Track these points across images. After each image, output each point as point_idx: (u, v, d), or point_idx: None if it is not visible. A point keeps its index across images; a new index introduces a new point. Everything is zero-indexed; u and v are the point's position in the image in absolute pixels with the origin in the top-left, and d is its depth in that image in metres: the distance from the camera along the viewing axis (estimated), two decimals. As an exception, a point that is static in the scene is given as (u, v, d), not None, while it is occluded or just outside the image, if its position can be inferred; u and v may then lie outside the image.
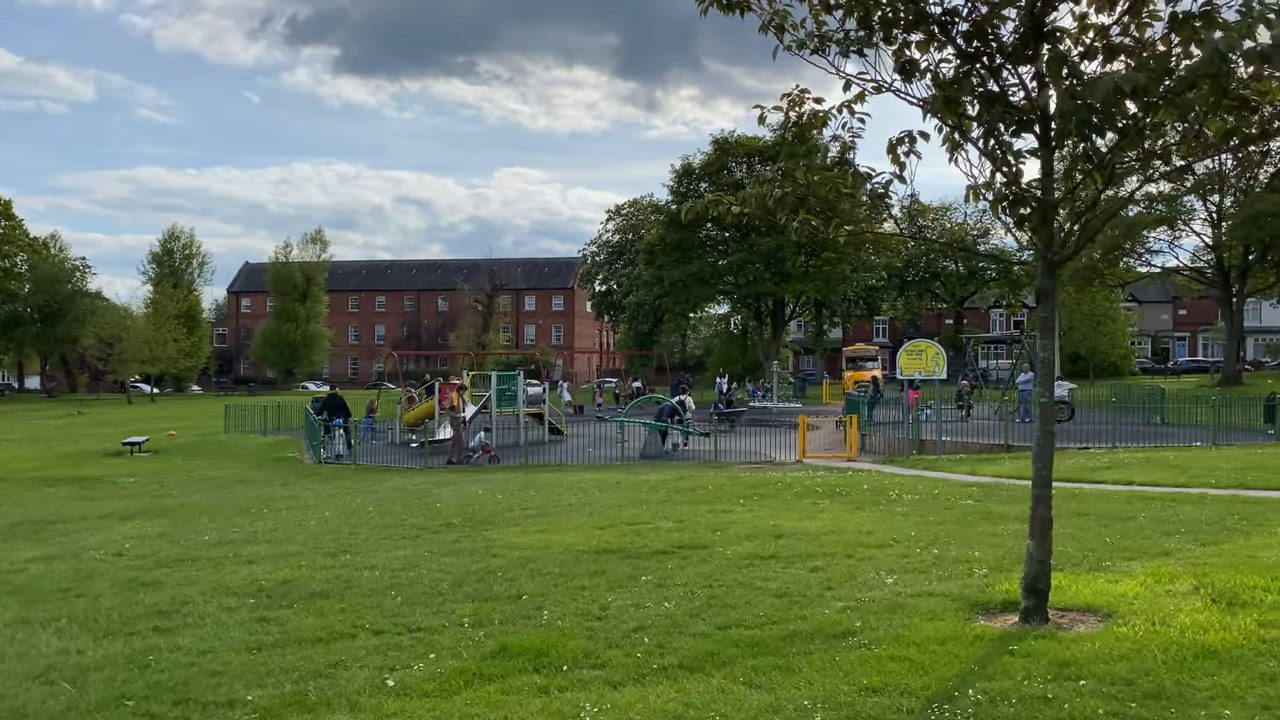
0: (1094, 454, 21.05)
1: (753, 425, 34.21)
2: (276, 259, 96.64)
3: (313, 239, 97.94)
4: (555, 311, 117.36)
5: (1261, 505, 11.79)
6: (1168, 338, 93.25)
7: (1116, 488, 15.14)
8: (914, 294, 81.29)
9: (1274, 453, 19.23)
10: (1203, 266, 51.87)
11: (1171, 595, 7.10)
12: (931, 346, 24.11)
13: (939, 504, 13.30)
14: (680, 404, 29.13)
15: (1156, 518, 11.18)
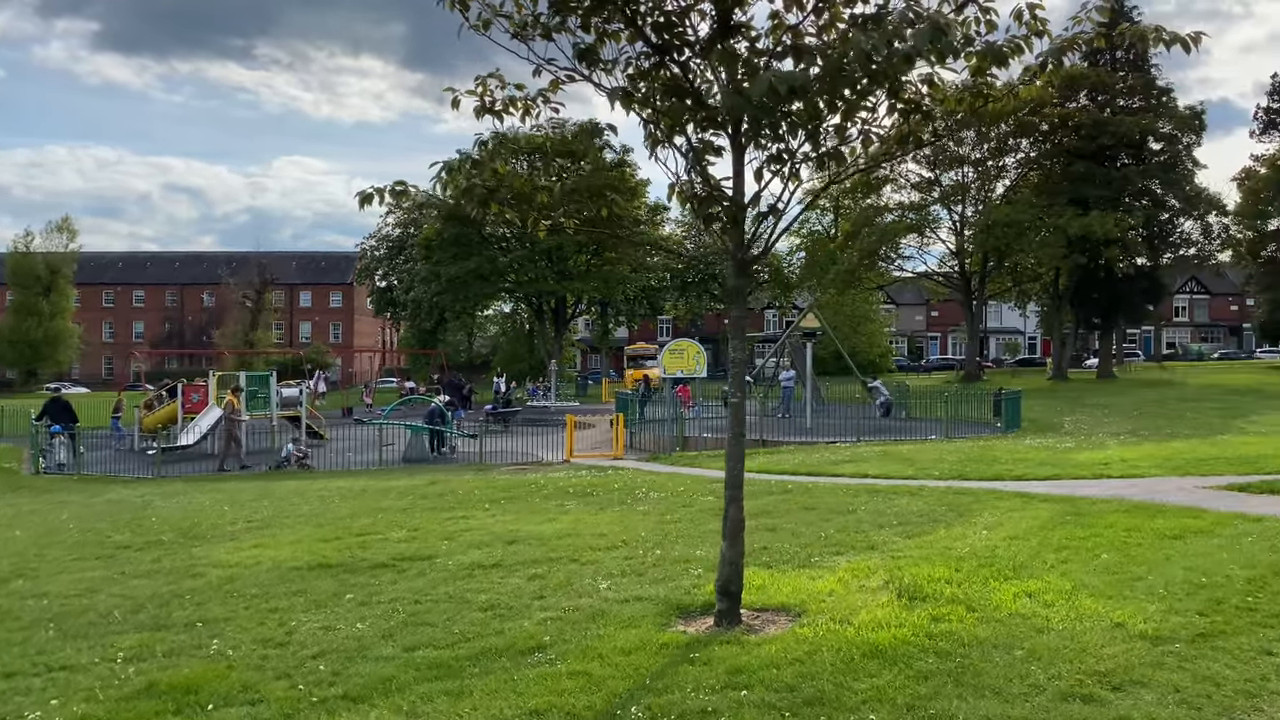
0: (839, 448, 22.05)
1: (528, 425, 33.87)
2: (15, 249, 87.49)
3: (59, 227, 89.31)
4: (333, 308, 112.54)
5: (970, 496, 12.51)
6: (921, 338, 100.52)
7: (850, 480, 15.77)
8: (694, 294, 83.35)
9: (995, 444, 20.78)
10: (948, 271, 56.03)
11: (864, 591, 7.25)
12: (692, 346, 24.57)
13: (681, 502, 13.37)
14: (449, 404, 28.33)
15: (875, 510, 11.63)
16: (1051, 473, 14.86)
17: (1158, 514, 10.10)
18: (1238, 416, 26.13)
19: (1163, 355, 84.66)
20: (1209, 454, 15.87)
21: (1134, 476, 13.95)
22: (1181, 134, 49.50)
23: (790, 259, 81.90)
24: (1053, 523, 10.00)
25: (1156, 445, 18.35)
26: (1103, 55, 52.75)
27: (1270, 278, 59.75)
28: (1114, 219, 44.09)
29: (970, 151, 51.66)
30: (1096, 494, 12.17)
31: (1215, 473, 13.68)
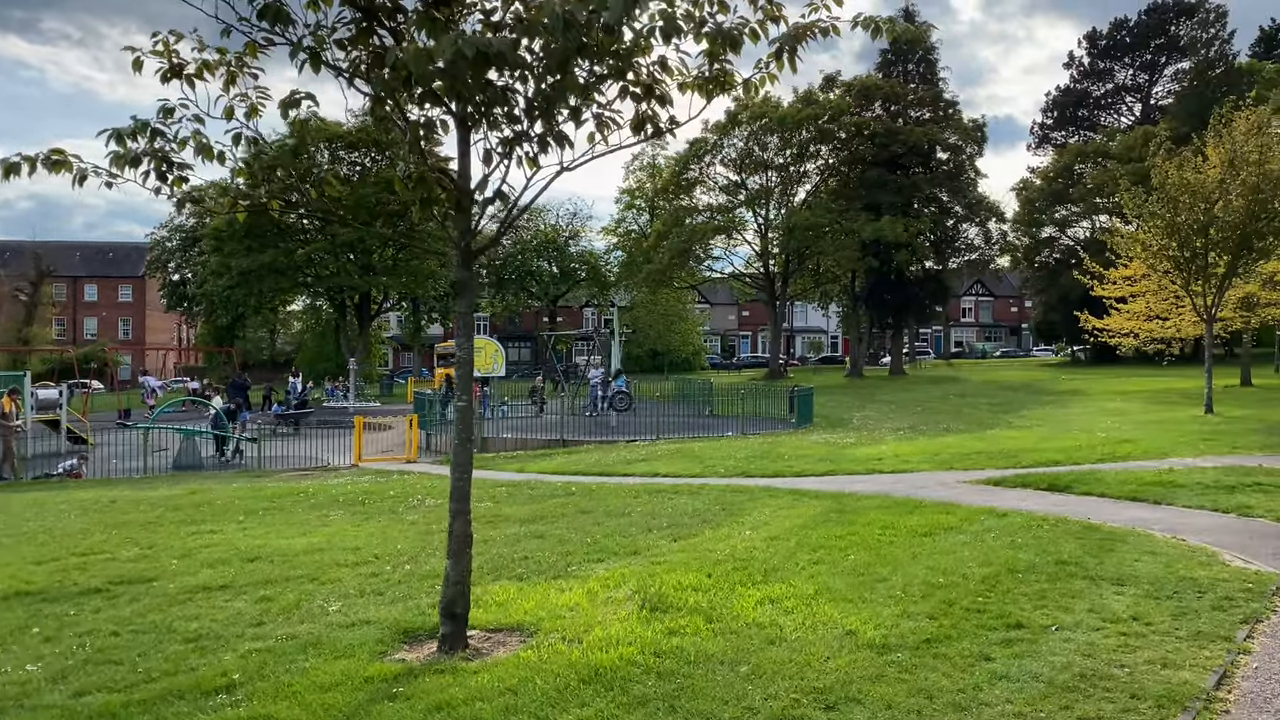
0: (638, 446, 21.92)
1: (323, 427, 32.18)
2: None
3: None
4: (123, 303, 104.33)
5: (746, 494, 12.48)
6: (734, 336, 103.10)
7: (639, 480, 15.56)
8: (511, 292, 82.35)
9: (784, 441, 21.15)
10: (754, 272, 57.54)
11: (610, 603, 6.86)
12: (490, 344, 23.87)
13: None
14: (234, 406, 26.43)
15: (651, 512, 11.37)
16: (828, 468, 15.13)
17: (915, 510, 10.28)
18: (1008, 411, 27.84)
19: (951, 353, 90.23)
20: (975, 448, 16.61)
21: (903, 471, 14.36)
22: (965, 144, 52.71)
23: (608, 258, 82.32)
24: (816, 521, 10.00)
25: (930, 440, 19.12)
26: (896, 67, 55.63)
27: (1044, 281, 64.57)
28: (904, 224, 46.42)
29: (774, 157, 53.17)
30: (864, 490, 12.38)
31: (977, 467, 14.26)
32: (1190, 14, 65.40)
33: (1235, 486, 10.75)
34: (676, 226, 51.42)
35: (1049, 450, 15.50)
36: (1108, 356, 52.82)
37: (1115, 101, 72.32)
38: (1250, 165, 22.39)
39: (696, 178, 54.31)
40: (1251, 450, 14.56)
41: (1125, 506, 10.13)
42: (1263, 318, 33.33)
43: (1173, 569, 7.09)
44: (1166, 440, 16.10)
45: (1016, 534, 8.57)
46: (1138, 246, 25.78)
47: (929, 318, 59.88)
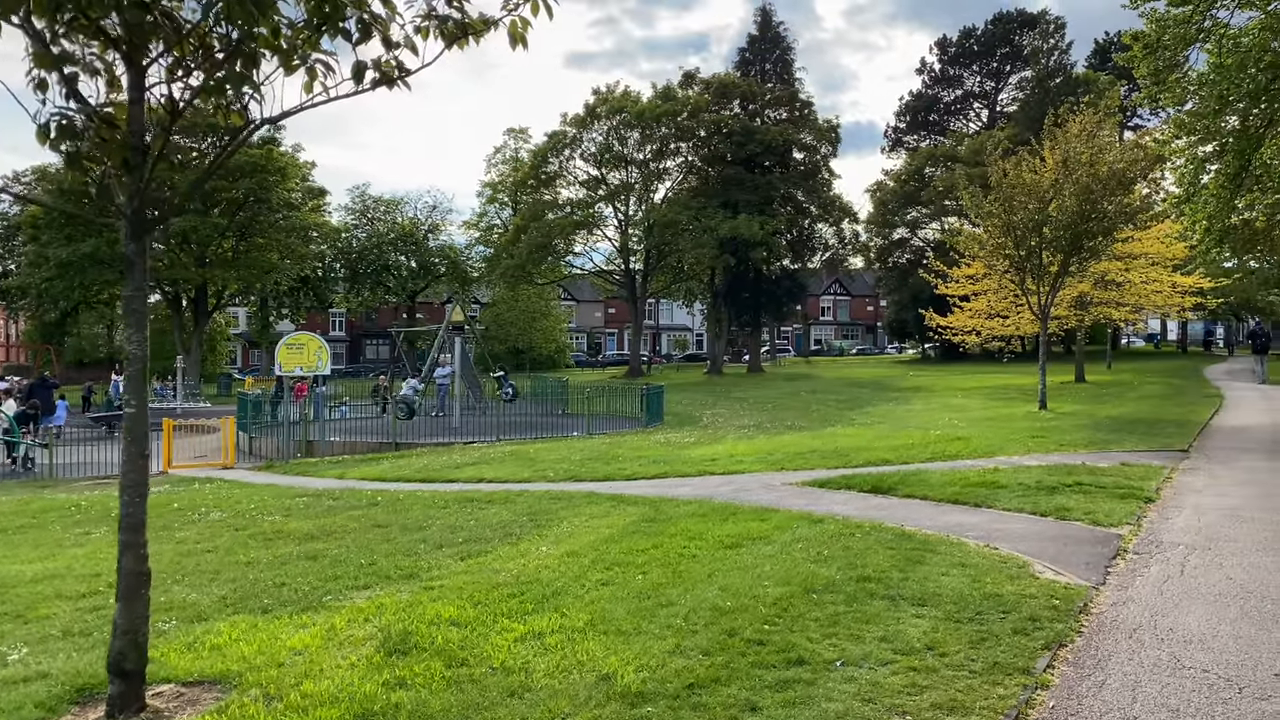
0: (475, 449, 20.78)
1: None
2: None
3: None
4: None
5: (565, 501, 11.59)
6: (600, 333, 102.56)
7: (460, 487, 14.51)
8: (366, 287, 79.47)
9: (626, 441, 20.41)
10: (615, 269, 56.94)
11: (349, 643, 5.83)
12: (313, 340, 22.28)
13: (239, 524, 11.36)
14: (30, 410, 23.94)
15: (452, 525, 10.34)
16: (661, 470, 14.41)
17: (730, 517, 9.60)
18: (854, 408, 27.94)
19: (811, 351, 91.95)
20: (810, 447, 16.20)
21: (734, 473, 13.75)
22: (820, 145, 53.41)
23: (469, 252, 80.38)
24: (625, 532, 9.18)
25: (769, 439, 18.70)
26: (753, 66, 55.94)
27: (896, 281, 66.22)
28: (760, 222, 46.57)
29: (634, 152, 52.63)
30: (688, 494, 11.67)
31: (808, 467, 13.77)
32: (1032, 25, 68.21)
33: (1056, 487, 10.48)
34: (535, 221, 50.27)
35: (881, 449, 15.19)
36: (956, 354, 54.54)
37: (964, 107, 74.88)
38: (1082, 166, 22.91)
39: (556, 171, 53.27)
40: (1076, 448, 14.56)
41: (945, 510, 9.68)
42: (1095, 316, 34.66)
43: (980, 584, 6.53)
44: (997, 438, 16.05)
45: (826, 544, 7.94)
46: (975, 245, 26.19)
47: (786, 316, 60.55)
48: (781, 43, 56.00)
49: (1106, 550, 7.75)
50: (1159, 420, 18.85)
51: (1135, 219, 24.35)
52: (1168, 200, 22.72)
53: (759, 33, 56.27)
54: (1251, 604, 6.20)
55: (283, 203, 46.80)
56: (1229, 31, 14.62)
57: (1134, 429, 17.16)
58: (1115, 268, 31.94)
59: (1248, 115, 14.53)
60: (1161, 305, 34.80)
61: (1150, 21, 14.58)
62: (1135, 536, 8.30)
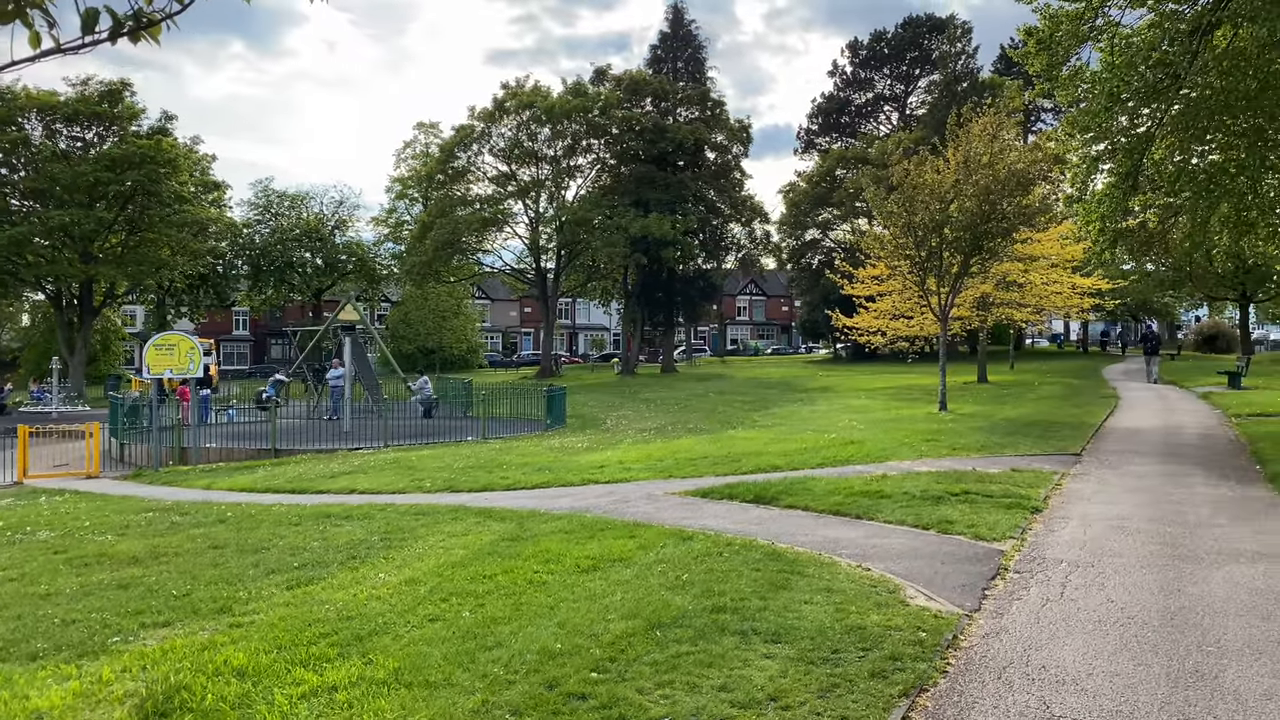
0: (359, 455, 19.68)
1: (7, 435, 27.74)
2: None
3: None
4: None
5: (430, 516, 10.74)
6: (516, 333, 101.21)
7: (327, 499, 13.53)
8: (270, 284, 76.75)
9: (517, 446, 19.55)
10: (526, 268, 55.88)
11: (101, 704, 4.94)
12: (185, 341, 20.88)
13: (63, 544, 10.23)
14: None
15: (297, 545, 9.42)
16: (544, 479, 13.65)
17: (599, 534, 8.88)
18: (759, 409, 27.53)
19: (727, 351, 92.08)
20: (704, 452, 15.61)
21: (620, 481, 13.06)
22: (732, 144, 53.14)
23: (377, 249, 78.27)
24: (478, 554, 8.39)
25: (665, 443, 18.06)
26: (665, 64, 55.46)
27: (808, 282, 66.48)
28: (671, 221, 46.05)
29: (544, 149, 51.67)
30: (564, 507, 10.93)
31: (698, 474, 13.16)
32: (940, 29, 69.21)
33: (942, 497, 10.02)
34: (442, 217, 48.89)
35: (774, 453, 14.66)
36: (866, 354, 54.88)
37: (875, 110, 75.68)
38: (982, 168, 22.86)
39: (465, 167, 51.97)
40: (970, 452, 14.24)
41: (825, 523, 9.12)
42: (997, 316, 34.97)
43: (843, 614, 5.92)
44: (892, 441, 15.67)
45: (690, 566, 7.27)
46: (878, 245, 26.03)
47: (701, 316, 60.22)
48: (693, 41, 55.62)
49: (986, 569, 7.25)
50: (1055, 422, 18.77)
51: (1034, 220, 24.40)
52: (1062, 200, 22.79)
53: (671, 30, 55.78)
54: (1131, 632, 5.72)
55: (174, 196, 44.56)
56: (1121, 31, 14.48)
57: (1029, 431, 16.99)
58: (1016, 269, 32.23)
59: (1136, 114, 14.42)
60: (1061, 306, 35.29)
61: (1044, 17, 14.37)
62: (1018, 552, 7.83)
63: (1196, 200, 15.63)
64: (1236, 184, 14.86)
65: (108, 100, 43.75)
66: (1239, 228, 16.71)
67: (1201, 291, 56.65)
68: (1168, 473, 12.13)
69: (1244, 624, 5.85)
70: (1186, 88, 13.74)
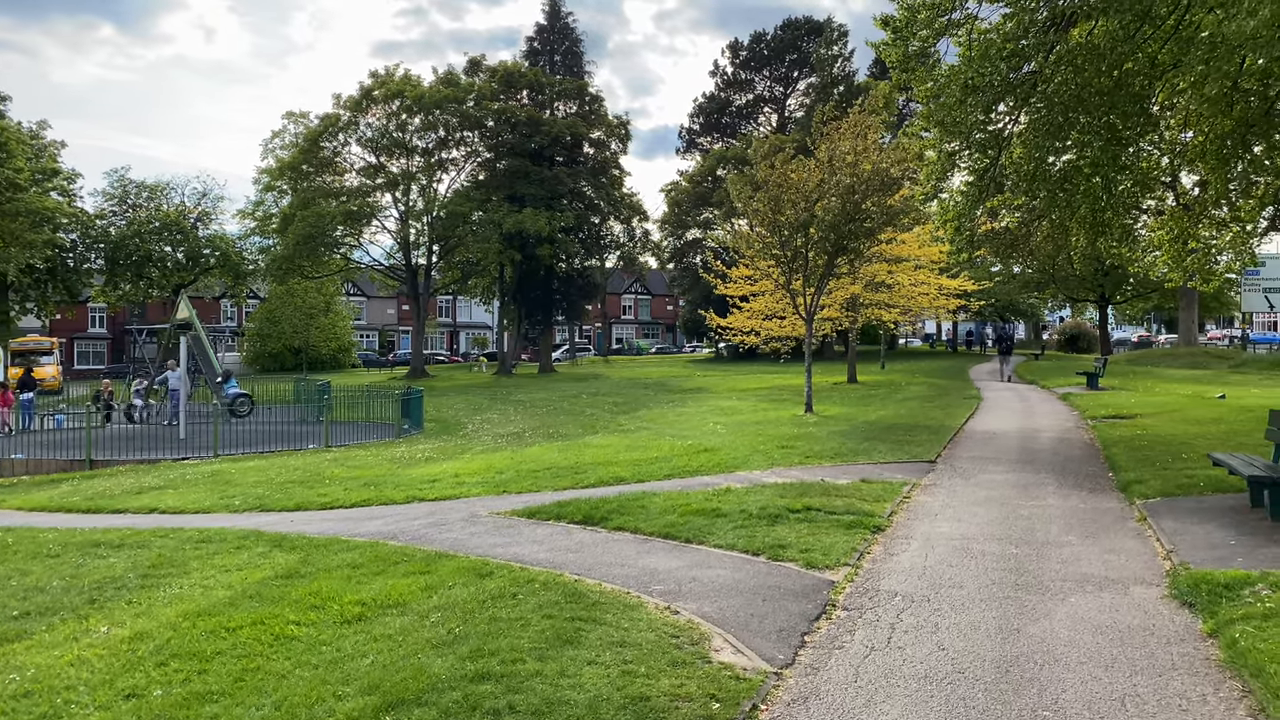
0: (175, 467, 17.95)
1: None
2: None
3: None
4: None
5: (211, 545, 9.38)
6: (394, 331, 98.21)
7: (120, 521, 11.96)
8: (127, 279, 72.10)
9: (354, 455, 18.14)
10: (396, 264, 53.80)
11: None
12: (-21, 341, 18.65)
13: None
14: None
15: (37, 585, 7.98)
16: (364, 497, 12.38)
17: (390, 568, 7.75)
18: (626, 412, 26.65)
19: (611, 350, 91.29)
20: (551, 462, 14.56)
21: (448, 498, 11.91)
22: (610, 140, 52.26)
23: (244, 243, 74.50)
24: (242, 596, 7.15)
25: (514, 452, 16.93)
26: (542, 56, 54.20)
27: (689, 281, 66.18)
28: (546, 217, 44.84)
29: (415, 140, 49.79)
30: (373, 530, 9.74)
31: (534, 488, 12.11)
32: (819, 32, 69.87)
33: (781, 515, 9.22)
34: (304, 209, 46.51)
35: (623, 463, 13.73)
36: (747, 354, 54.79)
37: (755, 111, 75.95)
38: (846, 166, 22.48)
39: (330, 157, 49.64)
40: (823, 459, 13.59)
41: (649, 549, 8.19)
42: (866, 317, 35.03)
43: (630, 677, 4.96)
44: (747, 448, 14.94)
45: (472, 614, 6.21)
46: (744, 244, 25.49)
47: (580, 315, 59.14)
48: (571, 34, 54.49)
49: (811, 607, 6.41)
50: (916, 425, 18.41)
51: (896, 220, 24.18)
52: (916, 196, 22.59)
53: (548, 23, 54.50)
54: (960, 692, 4.92)
55: (7, 183, 41.05)
56: (978, 25, 14.06)
57: (888, 436, 16.51)
58: (883, 270, 32.25)
59: (993, 110, 14.03)
60: (929, 307, 35.60)
61: (901, 7, 13.84)
62: (850, 583, 7.04)
63: (1053, 201, 15.39)
64: (1092, 185, 14.64)
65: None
66: (1094, 229, 16.60)
67: (1064, 293, 58.63)
68: (1021, 483, 11.66)
69: (1086, 675, 5.13)
70: (1043, 84, 13.39)
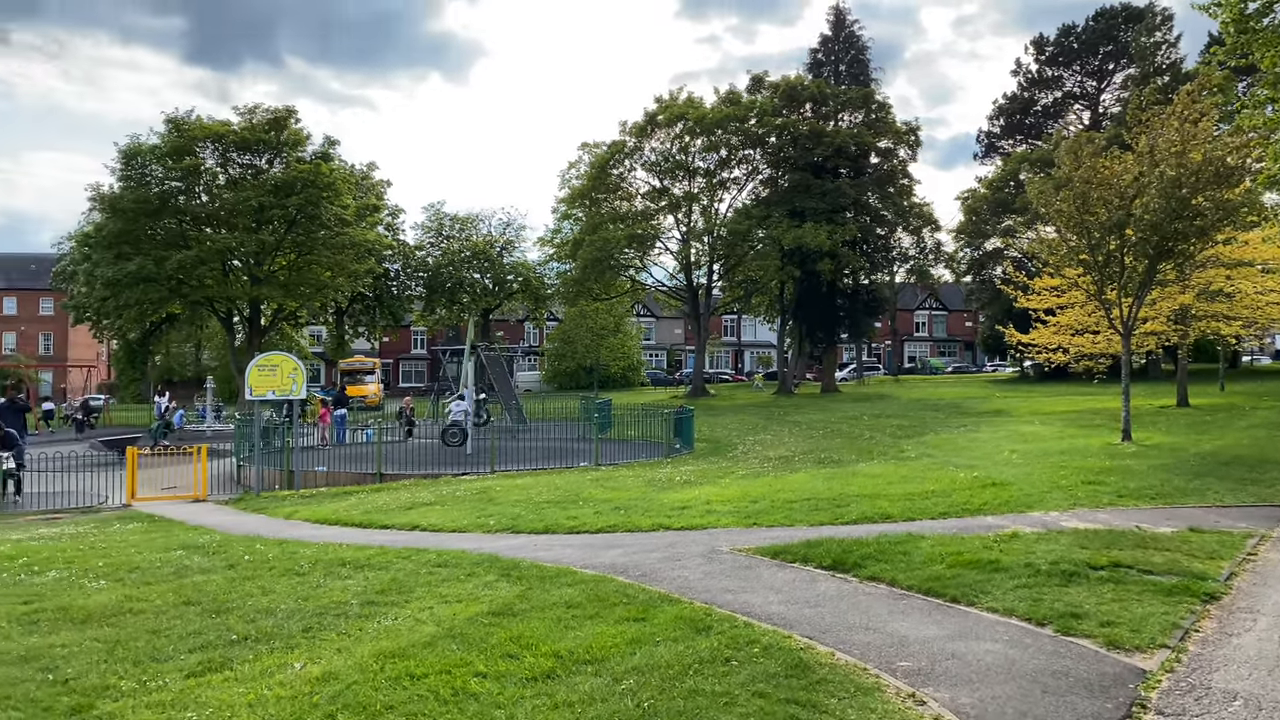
0: (452, 483, 18.45)
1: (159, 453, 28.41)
2: None
3: None
4: (44, 316, 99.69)
5: (446, 570, 9.11)
6: (681, 351, 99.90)
7: (379, 536, 12.21)
8: (441, 304, 78.51)
9: (616, 475, 17.76)
10: (678, 284, 54.24)
11: None
12: (289, 361, 20.31)
13: (46, 591, 9.20)
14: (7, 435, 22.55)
15: (268, 607, 7.95)
16: (611, 523, 11.79)
17: (606, 610, 6.96)
18: (911, 436, 24.60)
19: (903, 369, 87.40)
20: (815, 491, 13.31)
21: (694, 528, 11.04)
22: (898, 148, 49.74)
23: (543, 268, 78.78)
24: (445, 635, 6.63)
25: (777, 478, 15.79)
26: (825, 68, 52.72)
27: (989, 295, 61.71)
28: (827, 231, 43.26)
29: (698, 161, 50.02)
30: (609, 561, 9.08)
31: (787, 522, 10.96)
32: (1138, 19, 63.05)
33: (1077, 572, 7.46)
34: (592, 234, 48.05)
35: (892, 497, 12.21)
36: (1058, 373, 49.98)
37: (1063, 109, 69.77)
38: (1170, 156, 19.33)
39: (616, 183, 51.04)
40: (1140, 499, 11.33)
41: (904, 608, 6.82)
42: (1201, 331, 30.50)
43: (840, 801, 3.74)
44: (1045, 482, 12.86)
45: (672, 684, 5.22)
46: (1047, 250, 22.75)
47: (864, 332, 56.67)
48: (856, 42, 52.57)
49: (1110, 708, 4.84)
50: (1265, 460, 15.26)
51: (1235, 216, 20.39)
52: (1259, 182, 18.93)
53: (832, 33, 52.98)
54: None
55: (335, 219, 45.67)
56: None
57: (1228, 472, 13.71)
58: (1220, 275, 27.81)
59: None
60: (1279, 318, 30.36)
61: (1237, -45, 11.40)
62: (1168, 675, 5.33)
63: None
64: None
65: (274, 128, 45.35)
66: None
67: None
68: None
69: None
70: None
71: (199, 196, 46.02)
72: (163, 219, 44.24)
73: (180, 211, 44.86)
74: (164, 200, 43.38)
